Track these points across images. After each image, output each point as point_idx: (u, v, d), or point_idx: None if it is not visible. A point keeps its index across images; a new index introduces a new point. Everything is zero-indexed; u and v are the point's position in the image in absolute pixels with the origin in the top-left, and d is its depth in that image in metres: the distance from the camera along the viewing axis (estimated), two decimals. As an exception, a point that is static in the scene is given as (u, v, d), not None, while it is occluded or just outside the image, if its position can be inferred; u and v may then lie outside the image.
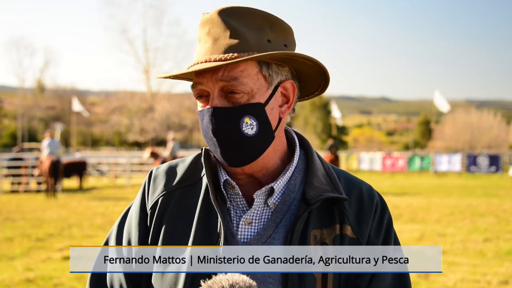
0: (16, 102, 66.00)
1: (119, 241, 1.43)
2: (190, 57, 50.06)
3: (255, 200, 1.33)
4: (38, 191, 19.33)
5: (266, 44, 1.29)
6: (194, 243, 1.31)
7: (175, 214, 1.38)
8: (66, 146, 51.37)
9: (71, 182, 22.16)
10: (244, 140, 1.28)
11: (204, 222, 1.34)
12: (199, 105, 1.34)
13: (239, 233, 1.33)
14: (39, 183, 19.71)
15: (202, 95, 1.32)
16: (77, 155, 27.08)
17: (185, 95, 54.59)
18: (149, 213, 1.41)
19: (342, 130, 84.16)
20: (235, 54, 1.26)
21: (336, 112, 36.69)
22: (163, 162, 19.17)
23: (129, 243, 1.40)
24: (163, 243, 1.35)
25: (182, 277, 1.29)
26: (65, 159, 21.06)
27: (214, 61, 1.26)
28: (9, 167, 20.30)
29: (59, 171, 16.90)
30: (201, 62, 1.28)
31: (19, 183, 20.22)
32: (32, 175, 19.62)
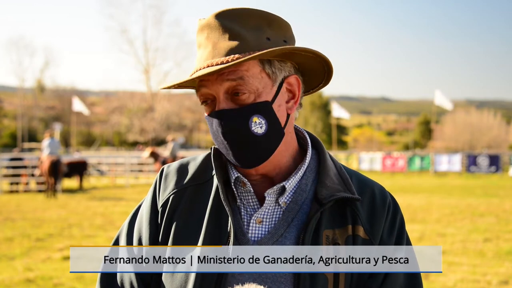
0: (16, 102, 65.96)
1: (129, 239, 1.42)
2: (190, 57, 50.09)
3: (266, 198, 1.33)
4: (38, 191, 19.33)
5: (266, 42, 1.28)
6: (204, 242, 1.31)
7: (186, 212, 1.37)
8: (66, 146, 51.36)
9: (71, 182, 22.16)
10: (255, 140, 1.28)
11: (214, 221, 1.33)
12: (205, 111, 1.33)
13: (250, 231, 1.32)
14: (39, 183, 19.71)
15: (207, 101, 1.31)
16: (76, 155, 27.06)
17: (185, 95, 54.54)
18: (160, 211, 1.40)
19: (342, 130, 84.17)
20: (236, 56, 1.25)
21: (341, 112, 36.63)
22: (163, 162, 19.19)
23: (139, 241, 1.40)
24: (174, 242, 1.34)
25: (192, 277, 1.29)
26: (66, 159, 21.05)
27: (216, 64, 1.26)
28: (8, 167, 20.30)
29: (59, 171, 16.90)
30: (204, 68, 1.28)
31: (17, 183, 20.22)
32: (32, 175, 19.63)
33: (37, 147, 31.02)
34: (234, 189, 1.35)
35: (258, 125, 1.27)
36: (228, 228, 1.31)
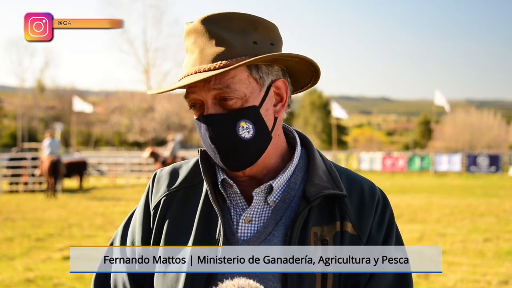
0: (16, 102, 65.90)
1: (123, 242, 1.45)
2: (190, 57, 49.95)
3: (254, 198, 1.34)
4: (38, 191, 19.33)
5: (253, 46, 1.30)
6: (194, 242, 1.32)
7: (177, 214, 1.39)
8: (66, 146, 51.37)
9: (71, 182, 22.16)
10: (242, 144, 1.29)
11: (204, 222, 1.35)
12: (195, 114, 1.35)
13: (239, 231, 1.34)
14: (39, 183, 19.71)
15: (195, 105, 1.33)
16: (76, 155, 27.06)
17: (185, 95, 54.19)
18: (152, 213, 1.42)
19: (342, 130, 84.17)
20: (223, 62, 1.27)
21: (340, 112, 36.69)
22: (163, 162, 19.17)
23: (133, 244, 1.42)
24: (165, 242, 1.36)
25: (182, 277, 1.30)
26: (65, 159, 21.05)
27: (203, 71, 1.27)
28: (8, 167, 20.29)
29: (59, 171, 16.90)
30: (191, 74, 1.29)
31: (17, 183, 20.22)
32: (33, 175, 19.62)
33: (37, 147, 30.98)
34: (222, 191, 1.37)
35: (246, 130, 1.29)
36: (218, 228, 1.32)
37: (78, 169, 20.53)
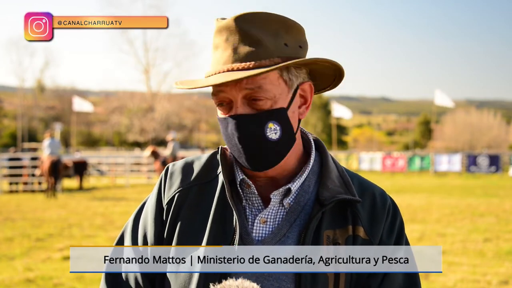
0: (16, 102, 65.88)
1: (134, 236, 1.45)
2: (190, 57, 50.03)
3: (272, 200, 1.35)
4: (38, 191, 19.33)
5: (284, 48, 1.31)
6: (208, 240, 1.33)
7: (191, 211, 1.40)
8: (66, 146, 51.33)
9: (71, 182, 22.16)
10: (269, 145, 1.31)
11: (219, 219, 1.36)
12: (220, 112, 1.35)
13: (254, 231, 1.35)
14: (39, 183, 19.71)
15: (223, 103, 1.32)
16: (76, 155, 27.05)
17: (185, 95, 54.44)
18: (165, 209, 1.42)
19: (342, 130, 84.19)
20: (257, 62, 1.27)
21: (343, 112, 36.66)
22: (163, 162, 19.25)
23: (145, 238, 1.42)
24: (178, 239, 1.37)
25: (196, 276, 1.31)
26: (69, 158, 21.05)
27: (237, 70, 1.27)
28: (8, 167, 20.28)
29: (59, 171, 16.89)
30: (223, 72, 1.29)
31: (17, 183, 20.21)
32: (33, 175, 19.62)
33: (37, 147, 30.97)
34: (240, 190, 1.38)
35: (273, 131, 1.30)
36: (234, 226, 1.33)
37: (78, 169, 20.54)
